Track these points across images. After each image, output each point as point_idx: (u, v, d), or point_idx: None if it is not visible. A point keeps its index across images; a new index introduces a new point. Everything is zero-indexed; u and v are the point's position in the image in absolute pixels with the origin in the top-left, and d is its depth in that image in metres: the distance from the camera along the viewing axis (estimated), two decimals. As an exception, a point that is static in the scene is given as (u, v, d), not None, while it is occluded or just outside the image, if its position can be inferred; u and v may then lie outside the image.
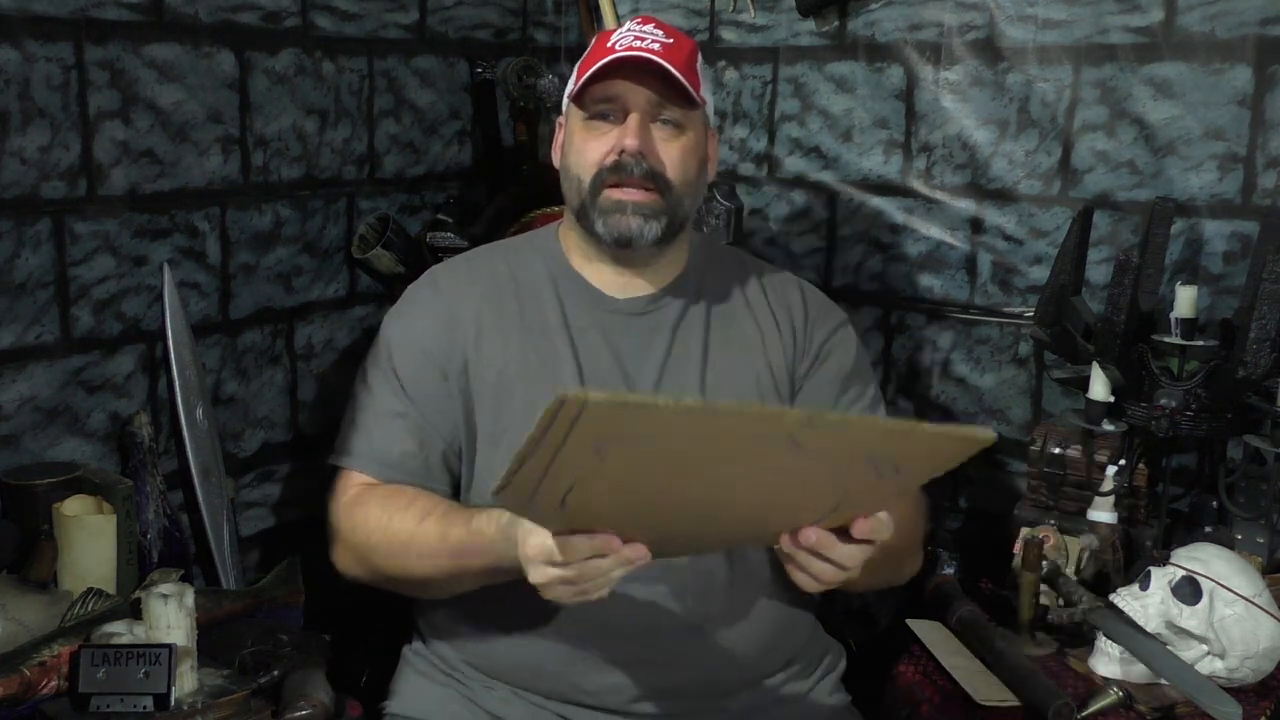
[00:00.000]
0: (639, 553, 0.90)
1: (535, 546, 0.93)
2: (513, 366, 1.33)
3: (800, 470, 0.83)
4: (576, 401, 0.70)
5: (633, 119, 1.30)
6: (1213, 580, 1.39)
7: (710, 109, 1.39)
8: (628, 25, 1.34)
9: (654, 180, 1.31)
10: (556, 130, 1.41)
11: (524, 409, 1.29)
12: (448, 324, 1.36)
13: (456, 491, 1.35)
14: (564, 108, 1.39)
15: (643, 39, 1.31)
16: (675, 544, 0.99)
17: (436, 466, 1.34)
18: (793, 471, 0.83)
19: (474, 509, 1.22)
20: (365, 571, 1.32)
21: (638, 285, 1.38)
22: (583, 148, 1.33)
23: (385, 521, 1.26)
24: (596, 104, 1.32)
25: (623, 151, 1.30)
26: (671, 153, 1.32)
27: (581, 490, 0.82)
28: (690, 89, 1.30)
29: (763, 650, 1.34)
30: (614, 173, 1.30)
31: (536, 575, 0.94)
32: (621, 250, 1.34)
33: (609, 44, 1.32)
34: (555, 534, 0.90)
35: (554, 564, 0.91)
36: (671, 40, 1.32)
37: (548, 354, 1.34)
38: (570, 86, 1.37)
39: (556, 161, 1.40)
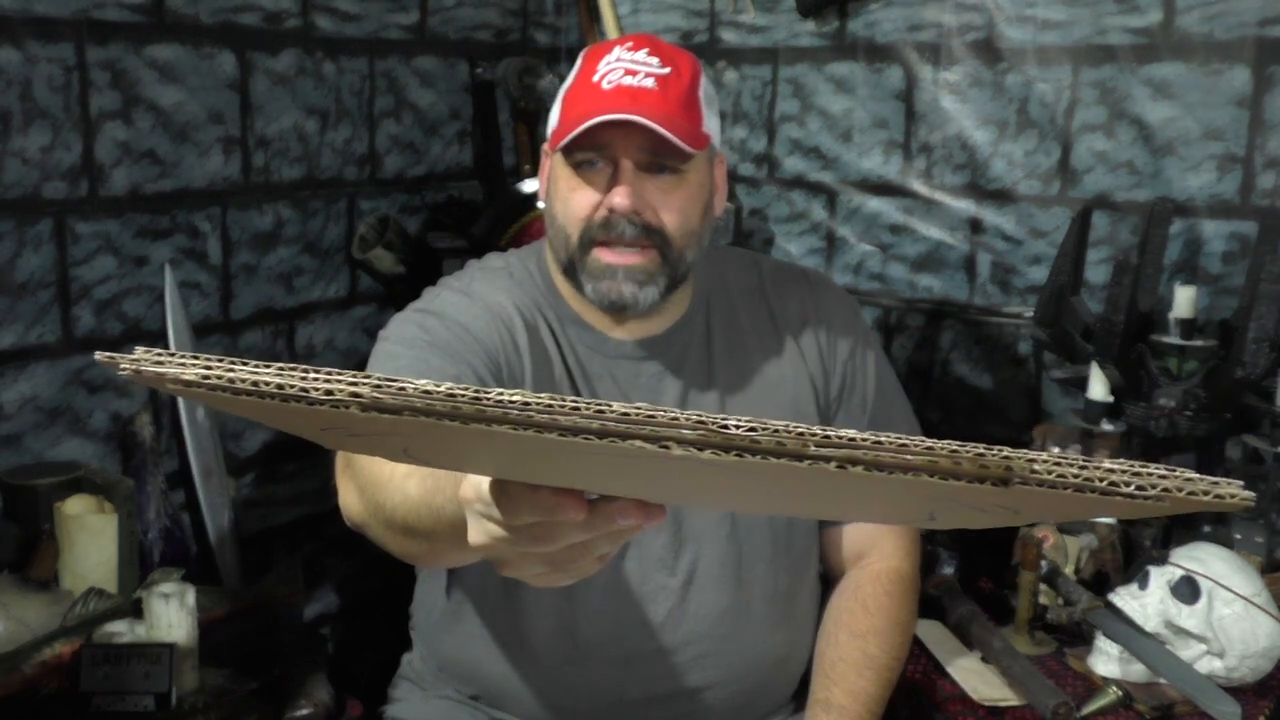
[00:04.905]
0: (617, 520, 0.54)
1: (469, 486, 0.62)
2: None
3: (802, 492, 0.46)
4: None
5: (623, 173, 1.16)
6: (1211, 580, 1.40)
7: (717, 133, 1.23)
8: (617, 51, 1.18)
9: (650, 237, 1.17)
10: (542, 161, 1.27)
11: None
12: (489, 322, 1.22)
13: None
14: (547, 136, 1.24)
15: (635, 72, 1.15)
16: (697, 503, 0.70)
17: None
18: (817, 493, 0.46)
19: None
20: (362, 507, 1.04)
21: (644, 327, 1.26)
22: (569, 197, 1.19)
23: None
24: (583, 152, 1.17)
25: (612, 210, 1.16)
26: (670, 204, 1.18)
27: (421, 454, 0.51)
28: (686, 145, 1.14)
29: (756, 690, 1.31)
30: (604, 230, 1.17)
31: (475, 533, 0.62)
32: (615, 314, 1.23)
33: (595, 77, 1.17)
34: (495, 479, 0.57)
35: (492, 519, 0.59)
36: (668, 70, 1.17)
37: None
38: (552, 122, 1.22)
39: (542, 197, 1.27)
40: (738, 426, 0.36)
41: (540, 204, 1.28)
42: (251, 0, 1.83)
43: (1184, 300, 1.68)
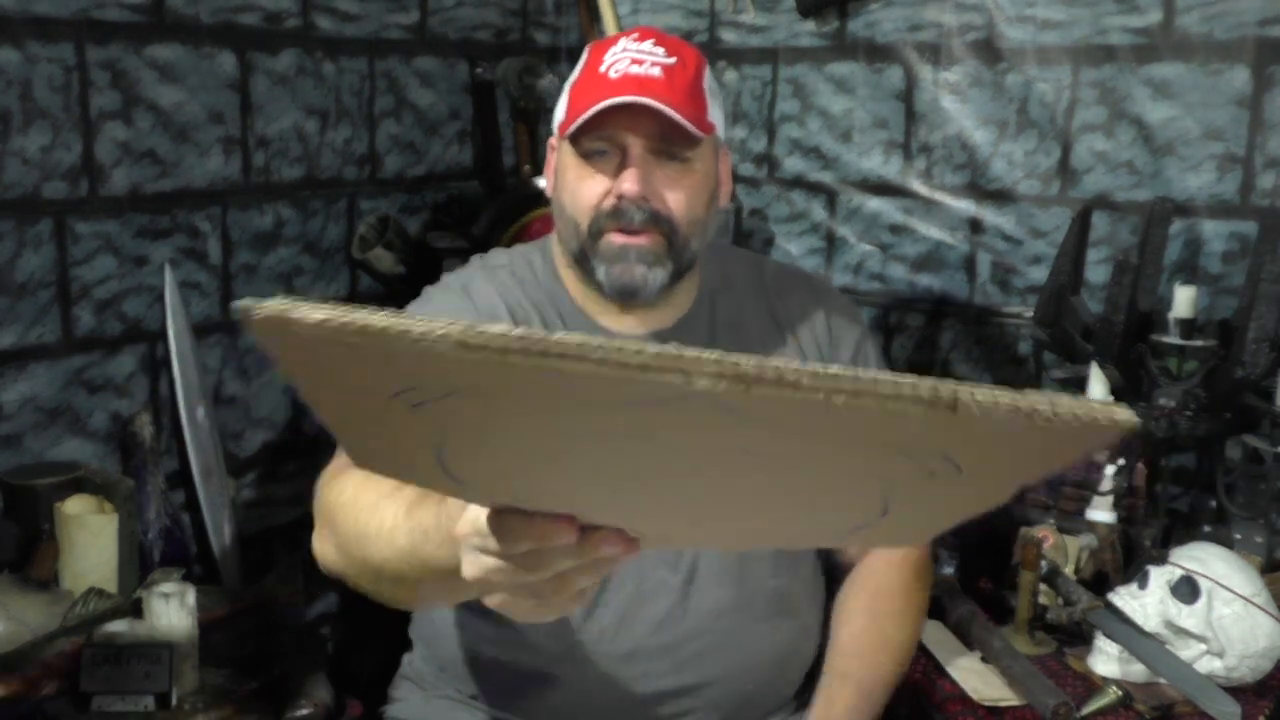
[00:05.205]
0: (601, 548, 0.59)
1: (466, 522, 0.65)
2: None
3: (784, 461, 0.50)
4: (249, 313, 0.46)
5: (632, 158, 1.17)
6: (1211, 579, 1.40)
7: (721, 127, 1.24)
8: (623, 43, 1.20)
9: (658, 224, 1.18)
10: (549, 153, 1.28)
11: None
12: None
13: None
14: (554, 129, 1.25)
15: (641, 61, 1.17)
16: (672, 537, 0.72)
17: None
18: (775, 462, 0.50)
19: None
20: (340, 558, 1.06)
21: (649, 321, 1.27)
22: (578, 186, 1.20)
23: (354, 495, 1.02)
24: (591, 141, 1.18)
25: (621, 196, 1.17)
26: (677, 192, 1.19)
27: (456, 448, 0.54)
28: (693, 128, 1.16)
29: (758, 688, 1.30)
30: (613, 218, 1.18)
31: (469, 566, 0.64)
32: (625, 300, 1.23)
33: (603, 68, 1.18)
34: (494, 510, 0.62)
35: (488, 551, 0.62)
36: (674, 60, 1.18)
37: None
38: (560, 113, 1.23)
39: (550, 190, 1.28)
40: (748, 363, 0.42)
41: (549, 191, 1.28)
42: (251, 0, 1.83)
43: (1184, 300, 1.68)
